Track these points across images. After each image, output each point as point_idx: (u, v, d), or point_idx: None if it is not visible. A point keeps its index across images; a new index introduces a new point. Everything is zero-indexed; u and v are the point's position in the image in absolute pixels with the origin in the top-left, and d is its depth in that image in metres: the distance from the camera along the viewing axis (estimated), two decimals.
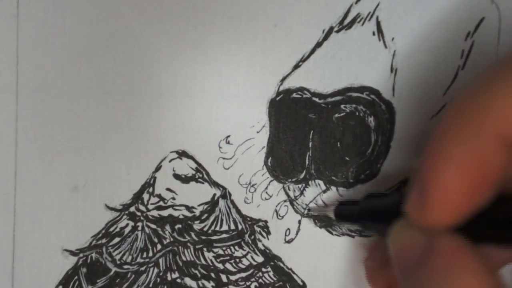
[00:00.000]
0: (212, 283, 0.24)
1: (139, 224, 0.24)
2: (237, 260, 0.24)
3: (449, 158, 0.14)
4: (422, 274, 0.15)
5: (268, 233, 0.24)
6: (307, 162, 0.24)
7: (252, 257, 0.24)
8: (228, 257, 0.24)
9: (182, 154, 0.24)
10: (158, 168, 0.24)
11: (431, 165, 0.15)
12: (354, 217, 0.22)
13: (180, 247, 0.24)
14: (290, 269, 0.24)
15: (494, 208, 0.15)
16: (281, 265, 0.24)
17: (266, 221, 0.24)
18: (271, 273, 0.24)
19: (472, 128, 0.14)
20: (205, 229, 0.24)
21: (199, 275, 0.24)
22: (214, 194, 0.24)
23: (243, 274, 0.24)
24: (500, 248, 0.15)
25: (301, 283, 0.24)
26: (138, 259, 0.24)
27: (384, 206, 0.20)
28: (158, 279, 0.24)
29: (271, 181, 0.24)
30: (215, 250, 0.24)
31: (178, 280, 0.24)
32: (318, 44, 0.24)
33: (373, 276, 0.22)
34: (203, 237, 0.24)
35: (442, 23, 0.23)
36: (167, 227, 0.24)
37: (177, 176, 0.24)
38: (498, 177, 0.14)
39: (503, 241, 0.15)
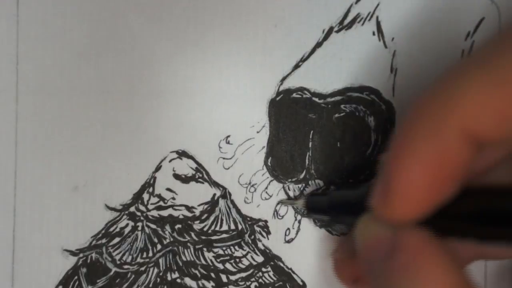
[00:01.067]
0: (212, 283, 0.24)
1: (139, 224, 0.24)
2: (237, 260, 0.24)
3: (413, 153, 0.14)
4: (387, 269, 0.14)
5: (268, 233, 0.24)
6: (307, 162, 0.24)
7: (252, 257, 0.24)
8: (228, 257, 0.24)
9: (182, 154, 0.24)
10: (158, 168, 0.24)
11: (395, 160, 0.15)
12: (323, 209, 0.21)
13: (180, 247, 0.24)
14: (290, 269, 0.24)
15: (459, 202, 0.15)
16: (281, 265, 0.24)
17: (266, 221, 0.24)
18: (271, 273, 0.24)
19: (435, 124, 0.14)
20: (205, 229, 0.24)
21: (199, 275, 0.24)
22: (214, 194, 0.24)
23: (243, 274, 0.24)
24: (465, 242, 0.15)
25: (301, 283, 0.24)
26: (138, 259, 0.24)
27: (353, 198, 0.20)
28: (158, 279, 0.24)
29: (271, 181, 0.24)
30: (215, 250, 0.24)
31: (178, 280, 0.24)
32: (318, 44, 0.24)
33: (340, 268, 0.22)
34: (203, 237, 0.24)
35: (442, 23, 0.23)
36: (167, 227, 0.24)
37: (177, 176, 0.24)
38: (462, 172, 0.14)
39: (468, 235, 0.15)
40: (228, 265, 0.24)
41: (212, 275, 0.24)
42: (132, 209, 0.24)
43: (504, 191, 0.14)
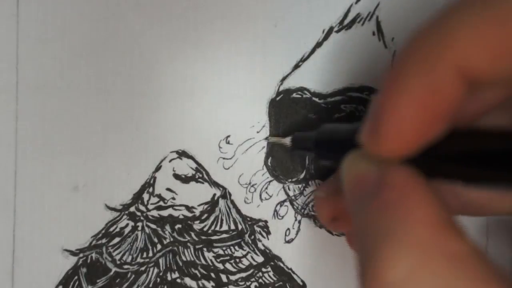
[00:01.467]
0: (212, 283, 0.24)
1: (139, 224, 0.24)
2: (237, 260, 0.24)
3: (405, 89, 0.14)
4: (372, 206, 0.14)
5: (268, 233, 0.24)
6: (307, 162, 0.24)
7: (252, 257, 0.24)
8: (228, 257, 0.24)
9: (182, 154, 0.24)
10: (158, 168, 0.24)
11: (387, 95, 0.14)
12: (310, 145, 0.21)
13: (180, 247, 0.24)
14: (290, 269, 0.24)
15: (447, 143, 0.15)
16: (281, 265, 0.24)
17: (266, 221, 0.24)
18: (271, 273, 0.24)
19: (429, 60, 0.14)
20: (205, 229, 0.24)
21: (199, 275, 0.24)
22: (214, 194, 0.24)
23: (243, 274, 0.24)
24: (450, 184, 0.15)
25: (301, 283, 0.24)
26: (138, 259, 0.24)
27: (340, 135, 0.19)
28: (158, 279, 0.24)
29: (271, 181, 0.24)
30: (215, 250, 0.24)
31: (178, 280, 0.24)
32: (318, 44, 0.24)
33: (320, 205, 0.21)
34: (203, 237, 0.24)
35: None
36: (167, 227, 0.24)
37: (177, 176, 0.24)
38: (453, 109, 0.14)
39: (454, 176, 0.15)
40: (228, 265, 0.24)
41: (212, 275, 0.24)
42: (132, 209, 0.24)
43: (492, 133, 0.14)
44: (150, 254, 0.24)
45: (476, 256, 0.13)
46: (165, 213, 0.24)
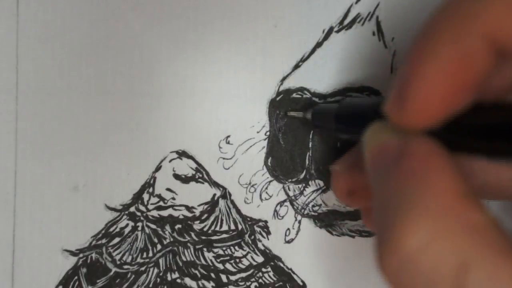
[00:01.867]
0: (212, 283, 0.24)
1: (139, 224, 0.24)
2: (237, 260, 0.24)
3: (434, 56, 0.14)
4: (395, 175, 0.14)
5: (268, 233, 0.24)
6: (307, 162, 0.24)
7: (252, 257, 0.24)
8: (228, 257, 0.24)
9: (182, 154, 0.24)
10: (158, 168, 0.24)
11: (414, 63, 0.14)
12: (330, 119, 0.21)
13: (180, 247, 0.24)
14: (290, 269, 0.24)
15: (470, 117, 0.15)
16: (281, 265, 0.24)
17: (266, 221, 0.24)
18: (271, 273, 0.24)
19: (458, 28, 0.14)
20: (205, 229, 0.24)
21: (199, 275, 0.24)
22: (214, 194, 0.24)
23: (243, 274, 0.24)
24: (472, 158, 0.15)
25: (301, 283, 0.24)
26: (138, 259, 0.24)
27: (362, 108, 0.19)
28: (158, 279, 0.24)
29: (271, 181, 0.24)
30: (215, 250, 0.24)
31: (178, 280, 0.24)
32: (318, 44, 0.24)
33: (337, 179, 0.22)
34: (203, 237, 0.24)
35: None
36: (167, 227, 0.24)
37: (177, 176, 0.24)
38: (480, 80, 0.14)
39: (474, 151, 0.15)
40: (228, 265, 0.24)
41: (212, 275, 0.24)
42: (132, 209, 0.24)
43: None
44: (150, 254, 0.24)
45: (495, 228, 0.13)
46: (165, 213, 0.24)
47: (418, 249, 0.13)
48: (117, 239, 0.24)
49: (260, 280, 0.24)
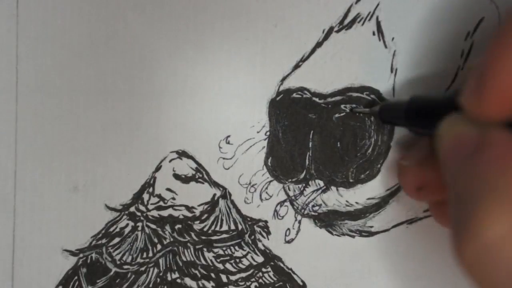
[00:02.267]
0: (212, 283, 0.24)
1: (139, 224, 0.24)
2: (237, 260, 0.24)
3: None
4: (476, 165, 0.14)
5: (268, 233, 0.24)
6: (307, 162, 0.24)
7: (252, 257, 0.24)
8: (228, 257, 0.24)
9: (182, 154, 0.24)
10: (158, 168, 0.24)
11: (494, 54, 0.14)
12: (400, 114, 0.21)
13: (180, 247, 0.24)
14: (290, 269, 0.24)
15: None
16: (281, 265, 0.24)
17: (266, 221, 0.24)
18: (271, 273, 0.24)
19: None
20: (205, 229, 0.24)
21: (199, 275, 0.24)
22: (214, 194, 0.24)
23: (243, 274, 0.24)
24: None
25: (301, 283, 0.24)
26: (138, 259, 0.24)
27: (433, 103, 0.19)
28: (158, 279, 0.24)
29: (271, 181, 0.24)
30: (215, 250, 0.24)
31: (178, 280, 0.24)
32: (318, 44, 0.24)
33: (405, 174, 0.22)
34: (203, 237, 0.24)
35: (442, 23, 0.23)
36: (167, 227, 0.24)
37: (177, 176, 0.24)
38: None
39: None
40: (228, 265, 0.24)
41: (212, 275, 0.24)
42: (132, 209, 0.24)
43: None
44: (150, 254, 0.24)
45: None
46: (165, 213, 0.24)
47: (501, 237, 0.12)
48: (117, 239, 0.24)
49: (260, 280, 0.24)
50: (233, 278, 0.24)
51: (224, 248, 0.24)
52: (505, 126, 0.15)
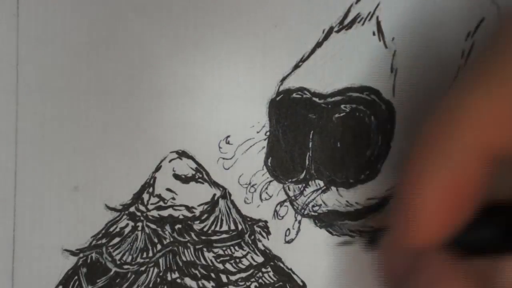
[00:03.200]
0: (212, 283, 0.24)
1: (139, 224, 0.24)
2: (237, 260, 0.24)
3: (429, 179, 0.14)
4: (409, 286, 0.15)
5: (268, 233, 0.24)
6: (307, 162, 0.24)
7: (252, 257, 0.24)
8: (228, 257, 0.24)
9: (182, 154, 0.24)
10: (158, 168, 0.24)
11: (412, 188, 0.15)
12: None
13: (180, 247, 0.24)
14: (290, 269, 0.24)
15: (482, 218, 0.15)
16: (281, 265, 0.24)
17: (266, 222, 0.24)
18: (271, 273, 0.24)
19: (447, 147, 0.14)
20: (205, 229, 0.24)
21: (199, 275, 0.24)
22: (214, 194, 0.24)
23: (243, 274, 0.24)
24: (489, 258, 0.15)
25: (301, 283, 0.24)
26: (138, 259, 0.24)
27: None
28: (158, 279, 0.24)
29: (271, 181, 0.24)
30: (215, 250, 0.24)
31: (178, 280, 0.24)
32: (318, 44, 0.24)
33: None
34: (203, 237, 0.24)
35: (442, 23, 0.23)
36: (167, 227, 0.24)
37: (177, 176, 0.24)
38: (482, 190, 0.14)
39: (492, 251, 0.15)
40: (228, 265, 0.24)
41: (212, 275, 0.24)
42: (132, 209, 0.24)
43: None
44: (150, 254, 0.24)
45: None
46: (165, 213, 0.24)
47: None
48: (117, 239, 0.24)
49: (260, 280, 0.24)
50: (233, 278, 0.24)
51: (224, 248, 0.24)
52: (440, 247, 0.15)
